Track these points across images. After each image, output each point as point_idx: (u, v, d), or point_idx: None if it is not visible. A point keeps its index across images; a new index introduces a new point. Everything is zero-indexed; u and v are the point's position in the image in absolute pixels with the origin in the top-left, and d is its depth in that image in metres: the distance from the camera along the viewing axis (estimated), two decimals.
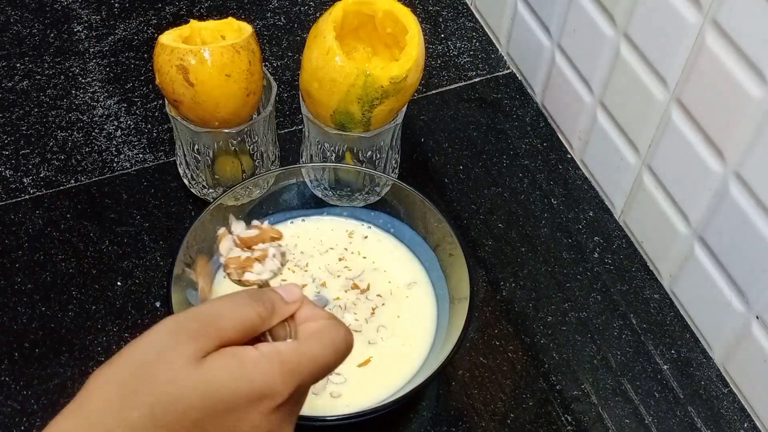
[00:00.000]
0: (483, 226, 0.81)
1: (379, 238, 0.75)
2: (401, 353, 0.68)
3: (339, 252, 0.74)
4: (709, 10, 0.63)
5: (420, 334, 0.69)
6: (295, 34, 0.96)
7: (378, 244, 0.74)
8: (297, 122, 0.87)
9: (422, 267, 0.73)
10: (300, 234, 0.75)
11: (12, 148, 0.84)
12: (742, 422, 0.70)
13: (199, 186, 0.79)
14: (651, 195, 0.76)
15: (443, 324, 0.69)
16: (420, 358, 0.68)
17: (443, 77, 0.93)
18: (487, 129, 0.88)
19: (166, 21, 0.96)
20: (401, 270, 0.73)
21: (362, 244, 0.74)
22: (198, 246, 0.69)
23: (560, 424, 0.69)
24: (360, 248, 0.74)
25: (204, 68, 0.68)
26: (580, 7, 0.78)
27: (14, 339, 0.72)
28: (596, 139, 0.82)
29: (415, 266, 0.73)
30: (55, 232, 0.78)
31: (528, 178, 0.85)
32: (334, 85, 0.69)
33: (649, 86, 0.72)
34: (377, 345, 0.68)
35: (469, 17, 0.99)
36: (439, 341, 0.68)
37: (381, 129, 0.74)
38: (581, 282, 0.78)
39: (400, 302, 0.71)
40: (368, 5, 0.72)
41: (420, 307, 0.71)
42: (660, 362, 0.73)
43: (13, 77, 0.90)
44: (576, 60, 0.81)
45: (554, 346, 0.74)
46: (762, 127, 0.61)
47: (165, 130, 0.86)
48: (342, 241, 0.74)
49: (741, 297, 0.68)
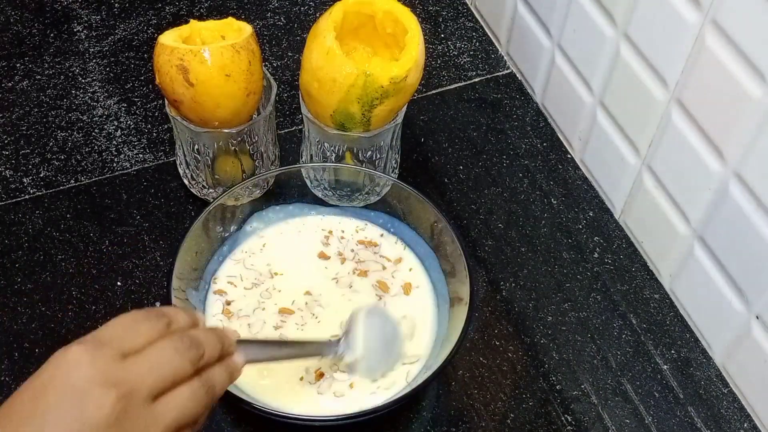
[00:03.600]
0: (483, 226, 0.81)
1: (379, 238, 0.75)
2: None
3: (341, 251, 0.74)
4: (709, 10, 0.63)
5: (420, 333, 0.69)
6: (295, 34, 0.96)
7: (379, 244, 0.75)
8: (297, 122, 0.87)
9: (422, 267, 0.73)
10: (301, 230, 0.75)
11: (12, 148, 0.84)
12: (742, 422, 0.70)
13: (199, 186, 0.79)
14: (651, 195, 0.76)
15: (443, 324, 0.69)
16: (420, 358, 0.68)
17: (443, 77, 0.93)
18: (487, 129, 0.88)
19: (166, 21, 0.96)
20: (401, 270, 0.73)
21: (361, 244, 0.74)
22: (198, 246, 0.69)
23: (560, 424, 0.69)
24: (360, 249, 0.74)
25: (204, 68, 0.68)
26: (580, 7, 0.78)
27: (14, 339, 0.72)
28: (596, 139, 0.82)
29: (415, 266, 0.73)
30: (55, 232, 0.78)
31: (528, 178, 0.85)
32: (334, 85, 0.69)
33: (649, 86, 0.72)
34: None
35: (469, 17, 0.99)
36: (439, 341, 0.68)
37: (381, 129, 0.74)
38: (581, 282, 0.78)
39: (401, 302, 0.71)
40: (368, 5, 0.72)
41: (420, 307, 0.71)
42: (660, 362, 0.73)
43: (13, 77, 0.90)
44: (576, 60, 0.81)
45: (554, 346, 0.74)
46: (762, 127, 0.61)
47: (165, 130, 0.86)
48: (343, 242, 0.74)
49: (741, 297, 0.68)
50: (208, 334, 0.50)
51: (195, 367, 0.48)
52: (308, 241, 0.74)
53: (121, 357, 0.45)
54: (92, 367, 0.44)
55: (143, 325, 0.47)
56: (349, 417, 0.61)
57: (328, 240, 0.74)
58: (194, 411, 0.47)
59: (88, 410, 0.43)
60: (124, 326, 0.47)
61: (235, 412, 0.69)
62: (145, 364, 0.46)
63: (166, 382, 0.46)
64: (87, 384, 0.43)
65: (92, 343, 0.45)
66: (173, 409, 0.46)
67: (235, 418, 0.68)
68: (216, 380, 0.50)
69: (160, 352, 0.47)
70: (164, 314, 0.49)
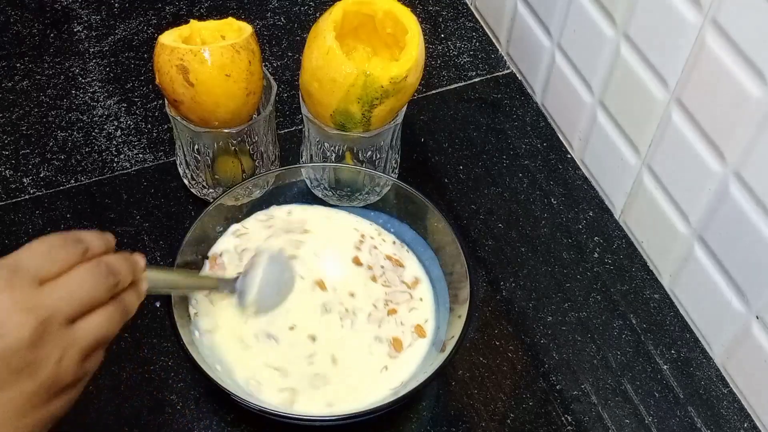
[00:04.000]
0: (483, 226, 0.81)
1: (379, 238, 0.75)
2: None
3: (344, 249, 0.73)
4: (709, 10, 0.63)
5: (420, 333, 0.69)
6: (295, 34, 0.96)
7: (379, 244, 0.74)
8: (297, 122, 0.87)
9: (422, 267, 0.73)
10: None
11: (12, 148, 0.84)
12: (742, 422, 0.70)
13: (199, 186, 0.79)
14: (651, 195, 0.76)
15: (443, 324, 0.69)
16: (420, 358, 0.68)
17: (443, 77, 0.93)
18: (487, 129, 0.88)
19: (166, 21, 0.96)
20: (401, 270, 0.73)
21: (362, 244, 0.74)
22: (198, 246, 0.69)
23: (560, 424, 0.69)
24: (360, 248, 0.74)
25: (204, 68, 0.68)
26: (580, 7, 0.78)
27: None
28: (596, 139, 0.82)
29: (415, 266, 0.73)
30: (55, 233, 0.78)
31: (528, 178, 0.85)
32: (334, 85, 0.69)
33: (649, 86, 0.72)
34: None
35: (469, 17, 0.99)
36: (439, 341, 0.68)
37: (381, 129, 0.74)
38: (581, 282, 0.78)
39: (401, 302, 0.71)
40: (368, 5, 0.72)
41: (420, 307, 0.71)
42: (660, 362, 0.73)
43: (13, 77, 0.90)
44: (576, 60, 0.81)
45: (554, 346, 0.74)
46: (762, 127, 0.61)
47: (165, 130, 0.86)
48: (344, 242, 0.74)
49: (741, 297, 0.68)
50: (121, 260, 0.52)
51: (111, 293, 0.50)
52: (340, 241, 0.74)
53: (38, 282, 0.46)
54: (9, 295, 0.45)
55: (60, 252, 0.48)
56: (349, 417, 0.61)
57: (360, 246, 0.73)
58: (109, 333, 0.50)
59: (7, 336, 0.44)
60: (41, 252, 0.48)
61: (235, 412, 0.69)
62: (63, 291, 0.47)
63: (83, 307, 0.48)
64: (4, 311, 0.44)
65: (8, 270, 0.46)
66: (90, 332, 0.48)
67: (235, 418, 0.68)
68: (128, 303, 0.52)
69: (79, 278, 0.48)
70: (80, 240, 0.50)
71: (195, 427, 0.68)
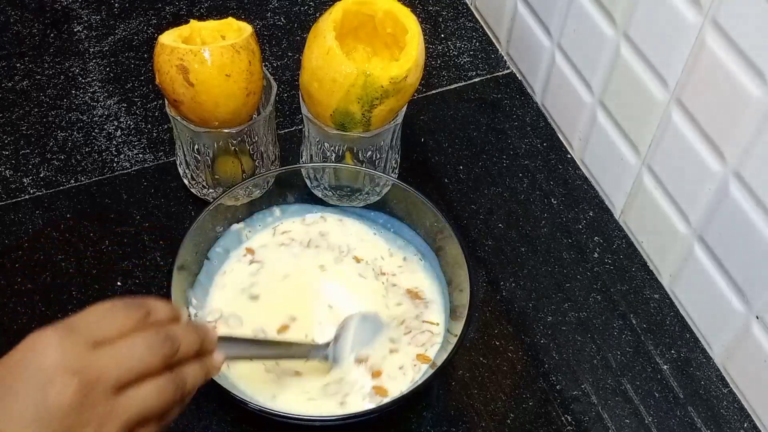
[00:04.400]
0: (483, 226, 0.81)
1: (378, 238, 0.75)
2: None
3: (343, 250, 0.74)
4: (709, 10, 0.63)
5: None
6: (295, 34, 0.96)
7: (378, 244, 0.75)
8: (297, 122, 0.87)
9: (423, 270, 0.73)
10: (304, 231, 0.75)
11: (12, 148, 0.84)
12: (742, 422, 0.70)
13: (199, 186, 0.79)
14: (651, 195, 0.76)
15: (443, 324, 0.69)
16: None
17: (443, 77, 0.93)
18: (487, 129, 0.88)
19: (166, 21, 0.96)
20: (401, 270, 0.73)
21: (361, 244, 0.74)
22: (198, 246, 0.69)
23: (560, 424, 0.69)
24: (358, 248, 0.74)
25: (204, 68, 0.68)
26: (580, 7, 0.78)
27: (14, 339, 0.71)
28: (596, 139, 0.82)
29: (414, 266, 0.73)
30: (55, 232, 0.78)
31: (528, 178, 0.85)
32: (334, 85, 0.69)
33: (649, 86, 0.72)
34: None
35: (469, 17, 0.99)
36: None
37: (381, 129, 0.74)
38: (581, 282, 0.78)
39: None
40: (368, 5, 0.72)
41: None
42: (660, 362, 0.73)
43: (13, 77, 0.90)
44: (576, 60, 0.81)
45: (554, 346, 0.74)
46: (762, 127, 0.61)
47: (165, 130, 0.86)
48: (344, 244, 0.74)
49: (741, 297, 0.68)
50: (187, 329, 0.49)
51: (166, 362, 0.47)
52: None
53: (91, 345, 0.45)
54: (60, 353, 0.44)
55: (119, 315, 0.47)
56: (349, 417, 0.61)
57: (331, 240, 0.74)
58: (159, 406, 0.47)
59: (49, 396, 0.43)
60: (99, 314, 0.47)
61: (235, 412, 0.69)
62: (113, 355, 0.45)
63: (132, 374, 0.45)
64: (52, 369, 0.43)
65: (64, 329, 0.45)
66: (136, 403, 0.45)
67: (235, 418, 0.68)
68: (188, 377, 0.49)
69: (132, 343, 0.46)
70: (143, 305, 0.48)
71: (195, 427, 0.68)
